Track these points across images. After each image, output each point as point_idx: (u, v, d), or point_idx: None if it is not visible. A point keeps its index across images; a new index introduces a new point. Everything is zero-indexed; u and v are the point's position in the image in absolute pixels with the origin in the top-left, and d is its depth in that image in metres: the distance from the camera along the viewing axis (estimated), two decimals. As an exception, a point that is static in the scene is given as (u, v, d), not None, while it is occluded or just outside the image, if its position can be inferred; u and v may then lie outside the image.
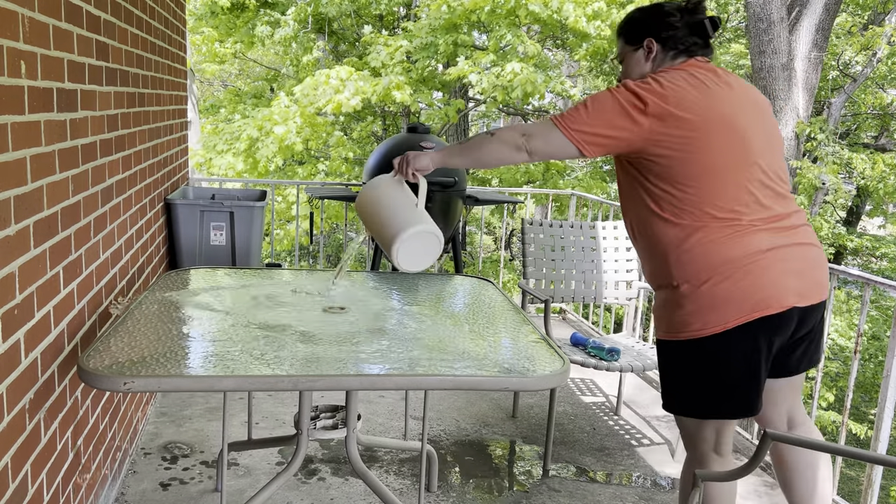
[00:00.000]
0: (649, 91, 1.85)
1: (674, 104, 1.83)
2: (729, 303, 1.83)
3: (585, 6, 8.32)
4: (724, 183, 1.85)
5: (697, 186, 1.84)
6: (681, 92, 1.85)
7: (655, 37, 2.00)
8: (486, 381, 1.77)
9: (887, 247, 11.79)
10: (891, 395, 2.70)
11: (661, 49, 2.00)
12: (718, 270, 1.83)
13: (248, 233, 3.79)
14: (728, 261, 1.83)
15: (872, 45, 9.75)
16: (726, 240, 1.84)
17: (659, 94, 1.84)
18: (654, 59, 2.01)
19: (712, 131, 1.84)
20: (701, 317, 1.86)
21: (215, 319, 2.13)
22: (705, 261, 1.84)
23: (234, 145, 9.39)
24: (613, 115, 1.86)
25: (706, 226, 1.85)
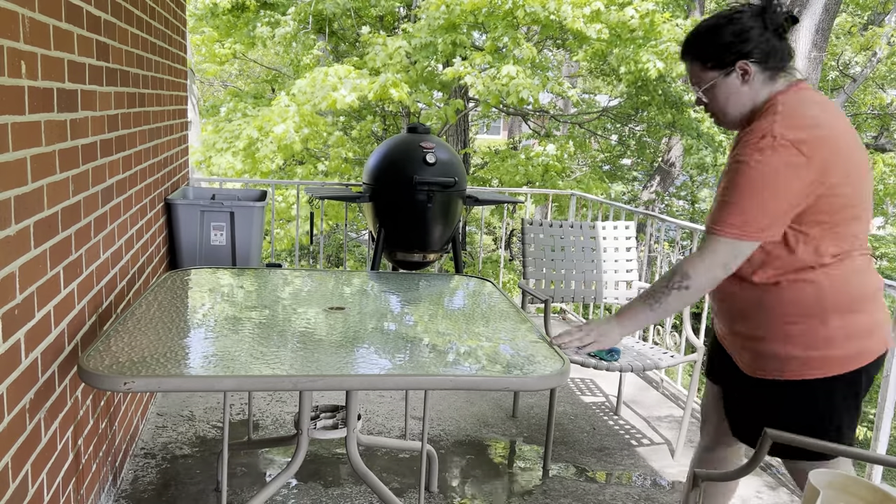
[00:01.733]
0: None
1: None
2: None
3: (583, 6, 8.32)
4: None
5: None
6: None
7: (746, 55, 1.73)
8: (486, 381, 1.77)
9: (887, 247, 11.79)
10: (891, 395, 2.70)
11: (759, 69, 1.74)
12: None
13: (248, 233, 3.79)
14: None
15: (872, 46, 9.75)
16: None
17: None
18: (751, 82, 1.75)
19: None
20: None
21: (215, 319, 2.13)
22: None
23: (234, 144, 9.39)
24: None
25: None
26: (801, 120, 1.65)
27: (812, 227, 1.67)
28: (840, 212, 1.67)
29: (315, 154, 10.95)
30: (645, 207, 11.42)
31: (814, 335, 1.71)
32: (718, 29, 1.75)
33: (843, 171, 1.64)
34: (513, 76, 8.31)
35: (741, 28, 1.72)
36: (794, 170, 1.60)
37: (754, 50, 1.72)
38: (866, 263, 1.76)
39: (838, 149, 1.65)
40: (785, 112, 1.67)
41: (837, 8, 8.51)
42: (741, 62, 1.73)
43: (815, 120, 1.66)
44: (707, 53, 1.76)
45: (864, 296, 1.73)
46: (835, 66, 11.68)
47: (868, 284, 1.75)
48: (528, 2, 8.37)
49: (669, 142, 12.73)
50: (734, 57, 1.73)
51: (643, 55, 8.61)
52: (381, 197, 4.01)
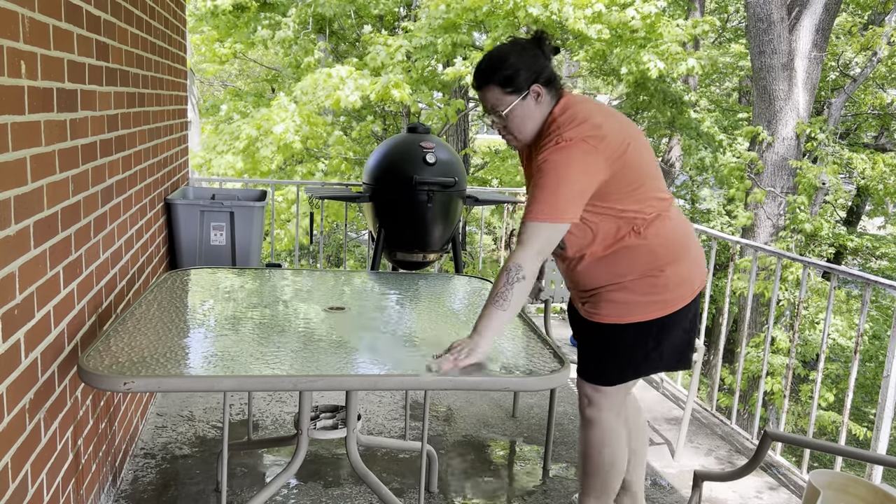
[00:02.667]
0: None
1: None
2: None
3: (585, 8, 8.31)
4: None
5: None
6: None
7: (538, 80, 1.99)
8: (486, 381, 1.77)
9: (887, 247, 11.78)
10: (891, 395, 2.70)
11: (546, 91, 2.01)
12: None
13: (248, 233, 3.78)
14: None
15: (872, 45, 9.74)
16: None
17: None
18: (542, 103, 2.02)
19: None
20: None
21: (215, 319, 2.13)
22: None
23: (234, 145, 9.39)
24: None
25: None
26: (577, 120, 1.95)
27: (616, 199, 1.99)
28: (635, 178, 1.99)
29: (315, 154, 10.95)
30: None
31: (651, 285, 2.06)
32: (514, 57, 2.00)
33: (622, 144, 1.96)
34: None
35: (531, 56, 2.00)
36: (584, 158, 1.91)
37: (542, 75, 2.00)
38: (676, 220, 2.10)
39: (613, 129, 1.96)
40: (565, 120, 1.96)
41: (838, 8, 8.51)
42: (535, 86, 1.99)
43: (587, 114, 1.96)
44: (506, 79, 1.99)
45: (681, 248, 2.09)
46: (835, 65, 11.66)
47: (682, 239, 2.10)
48: (528, 2, 8.36)
49: (669, 141, 12.73)
50: (529, 81, 1.98)
51: (644, 56, 8.61)
52: (381, 197, 4.01)
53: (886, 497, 1.87)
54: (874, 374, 10.12)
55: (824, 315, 3.60)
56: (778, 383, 7.87)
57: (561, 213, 1.91)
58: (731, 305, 8.70)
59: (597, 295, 2.13)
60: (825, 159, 8.44)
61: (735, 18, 13.95)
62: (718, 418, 3.60)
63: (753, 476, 3.08)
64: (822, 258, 8.72)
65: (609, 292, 2.10)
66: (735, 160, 8.85)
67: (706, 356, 9.51)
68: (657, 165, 2.10)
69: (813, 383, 7.94)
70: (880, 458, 1.84)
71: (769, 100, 8.17)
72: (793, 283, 7.87)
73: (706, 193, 11.81)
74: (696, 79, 11.89)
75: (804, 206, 8.19)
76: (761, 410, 7.82)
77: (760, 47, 8.02)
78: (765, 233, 8.41)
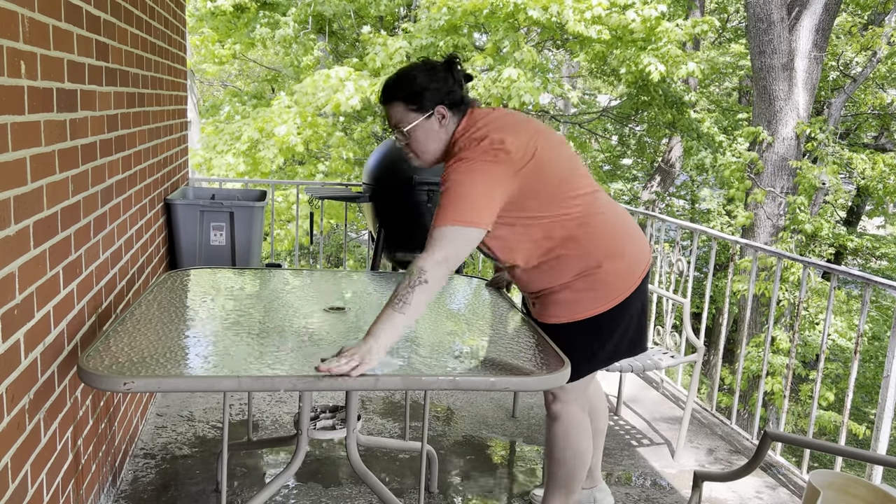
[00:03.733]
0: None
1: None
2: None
3: (584, 11, 8.32)
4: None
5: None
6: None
7: (443, 102, 2.03)
8: (486, 382, 1.77)
9: (887, 247, 11.79)
10: (891, 395, 2.70)
11: (450, 113, 2.04)
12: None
13: (248, 233, 3.78)
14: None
15: (872, 45, 9.75)
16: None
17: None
18: (446, 125, 2.05)
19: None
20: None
21: (215, 320, 2.13)
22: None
23: (234, 146, 9.39)
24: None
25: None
26: (478, 137, 1.97)
27: (535, 208, 2.01)
28: (548, 184, 2.00)
29: (315, 154, 10.95)
30: (645, 207, 11.42)
31: (591, 283, 2.10)
32: (422, 77, 2.03)
33: (526, 154, 1.97)
34: (514, 79, 8.31)
35: (440, 78, 2.03)
36: (486, 170, 1.92)
37: (448, 97, 2.02)
38: (607, 213, 2.11)
39: (515, 141, 1.96)
40: (466, 140, 1.99)
41: (838, 8, 8.51)
42: (440, 107, 2.02)
43: (487, 131, 1.98)
44: (412, 97, 2.02)
45: (617, 242, 2.11)
46: (835, 65, 11.66)
47: (617, 232, 2.12)
48: (529, 4, 8.36)
49: (670, 142, 12.73)
50: (435, 102, 2.01)
51: (644, 58, 8.61)
52: (381, 197, 4.01)
53: (886, 497, 1.87)
54: (874, 374, 10.12)
55: (824, 315, 3.60)
56: (778, 383, 7.87)
57: (467, 217, 1.89)
58: (731, 306, 8.71)
59: (543, 297, 2.18)
60: (825, 159, 8.44)
61: (735, 18, 13.95)
62: (718, 418, 3.60)
63: (753, 476, 3.08)
64: (822, 258, 8.72)
65: (553, 293, 2.14)
66: (735, 160, 8.84)
67: (706, 356, 9.51)
68: (577, 163, 2.12)
69: (813, 383, 7.94)
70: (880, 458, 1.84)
71: (769, 100, 8.17)
72: (793, 283, 7.87)
73: (706, 193, 11.81)
74: (696, 79, 11.89)
75: (804, 207, 8.19)
76: (761, 410, 7.83)
77: (760, 47, 8.02)
78: (765, 233, 8.41)
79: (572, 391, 2.24)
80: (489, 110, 2.08)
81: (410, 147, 2.09)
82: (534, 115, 12.47)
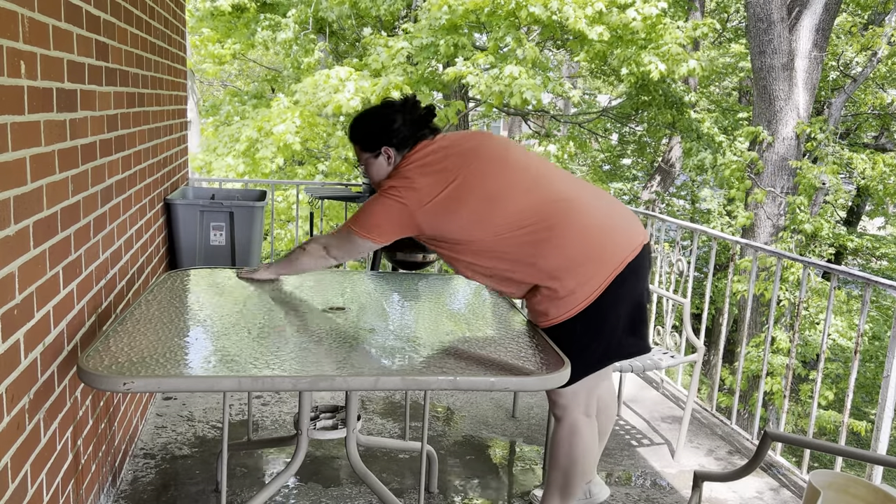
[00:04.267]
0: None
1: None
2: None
3: (585, 7, 8.31)
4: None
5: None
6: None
7: (388, 143, 2.26)
8: (486, 382, 1.77)
9: (887, 247, 11.79)
10: (891, 395, 2.70)
11: (397, 152, 2.28)
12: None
13: (247, 233, 3.78)
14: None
15: (872, 45, 9.75)
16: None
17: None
18: (392, 161, 2.29)
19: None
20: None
21: (215, 320, 2.13)
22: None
23: (234, 147, 9.38)
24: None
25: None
26: (403, 174, 2.20)
27: (460, 234, 2.16)
28: (476, 209, 2.13)
29: (315, 154, 10.95)
30: (646, 207, 11.42)
31: (556, 292, 2.15)
32: (373, 123, 2.31)
33: (443, 183, 2.15)
34: (515, 76, 8.31)
35: (389, 122, 2.27)
36: (393, 204, 2.17)
37: (394, 139, 2.26)
38: (549, 233, 2.13)
39: (439, 175, 2.16)
40: (397, 176, 2.22)
41: (838, 7, 8.51)
42: (386, 148, 2.27)
43: (411, 167, 2.20)
44: (362, 140, 2.31)
45: (565, 259, 2.13)
46: (835, 65, 11.66)
47: (560, 251, 2.13)
48: (530, 1, 8.36)
49: (670, 142, 12.73)
50: (381, 145, 2.27)
51: (645, 57, 8.60)
52: (381, 197, 4.00)
53: (886, 497, 1.87)
54: (874, 374, 10.12)
55: (824, 315, 3.60)
56: (778, 383, 7.87)
57: (362, 230, 2.22)
58: (731, 306, 8.71)
59: (526, 302, 2.28)
60: (825, 159, 8.44)
61: (735, 18, 13.95)
62: (718, 418, 3.60)
63: (753, 476, 3.08)
64: (822, 258, 8.72)
65: (528, 300, 2.24)
66: (736, 158, 8.84)
67: (706, 356, 9.51)
68: (515, 186, 2.17)
69: (813, 383, 7.94)
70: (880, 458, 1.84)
71: (769, 100, 8.17)
72: (793, 283, 7.87)
73: (706, 194, 11.81)
74: (696, 79, 11.90)
75: (804, 207, 8.19)
76: (761, 410, 7.82)
77: (760, 47, 8.02)
78: (765, 233, 8.41)
79: (570, 396, 2.25)
80: (427, 145, 2.25)
81: (367, 174, 2.38)
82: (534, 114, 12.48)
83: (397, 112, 2.29)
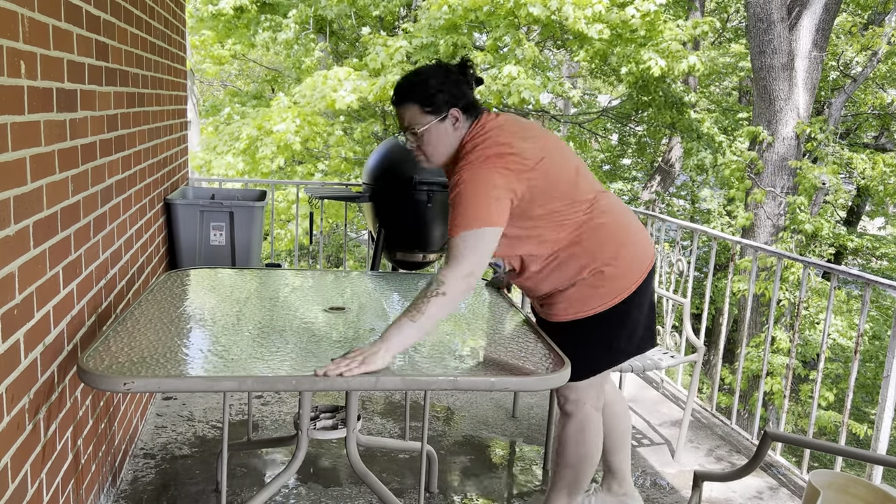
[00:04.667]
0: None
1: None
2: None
3: (585, 7, 8.31)
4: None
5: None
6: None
7: (457, 104, 2.01)
8: (486, 382, 1.77)
9: (887, 247, 11.79)
10: (891, 395, 2.70)
11: (464, 117, 2.03)
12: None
13: (247, 233, 3.78)
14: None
15: (872, 45, 9.74)
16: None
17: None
18: (459, 129, 2.03)
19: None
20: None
21: (215, 320, 2.13)
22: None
23: (234, 146, 9.38)
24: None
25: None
26: (488, 142, 1.98)
27: (538, 216, 2.02)
28: (551, 192, 2.01)
29: (315, 154, 10.94)
30: (646, 207, 11.41)
31: (598, 281, 2.11)
32: (436, 79, 2.02)
33: (533, 159, 1.97)
34: (514, 76, 8.30)
35: (454, 81, 2.02)
36: (494, 173, 1.93)
37: (462, 100, 2.02)
38: (610, 212, 2.13)
39: (524, 146, 1.98)
40: (476, 143, 1.99)
41: (838, 7, 8.50)
42: (454, 110, 2.00)
43: (497, 135, 1.99)
44: (426, 99, 2.00)
45: (622, 238, 2.13)
46: (835, 65, 11.66)
47: (621, 230, 2.14)
48: (529, 1, 8.36)
49: (670, 142, 12.73)
50: (449, 105, 2.00)
51: (644, 54, 8.60)
52: (381, 197, 4.01)
53: (886, 497, 1.87)
54: (874, 374, 10.12)
55: (824, 315, 3.60)
56: (778, 383, 7.87)
57: (482, 219, 1.89)
58: (731, 306, 8.71)
59: (550, 297, 2.19)
60: (825, 159, 8.44)
61: (735, 18, 13.95)
62: (718, 418, 3.60)
63: (753, 476, 3.08)
64: (822, 258, 8.72)
65: (560, 293, 2.15)
66: (736, 158, 8.84)
67: (706, 356, 9.51)
68: (581, 167, 2.13)
69: (813, 383, 7.94)
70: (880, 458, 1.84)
71: (769, 100, 8.17)
72: (793, 283, 7.87)
73: (706, 194, 11.81)
74: (696, 79, 11.89)
75: (804, 207, 8.19)
76: (761, 410, 7.82)
77: (760, 47, 8.02)
78: (765, 233, 8.41)
79: (584, 390, 2.22)
80: (497, 116, 2.08)
81: (421, 149, 2.06)
82: (534, 114, 12.48)
83: (459, 73, 2.06)
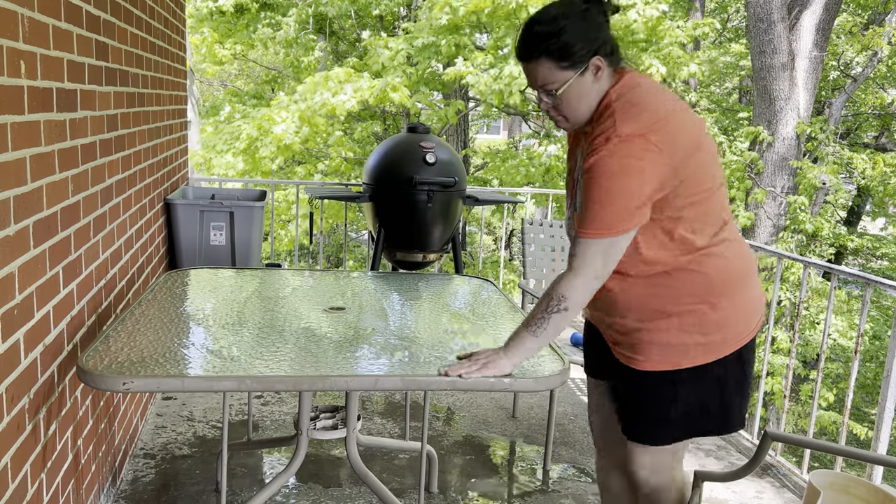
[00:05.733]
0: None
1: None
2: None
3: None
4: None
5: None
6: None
7: (601, 51, 1.62)
8: (486, 382, 1.77)
9: (887, 247, 11.79)
10: (891, 395, 2.69)
11: (608, 65, 1.65)
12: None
13: (247, 233, 3.78)
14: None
15: (873, 45, 9.74)
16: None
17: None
18: (600, 80, 1.65)
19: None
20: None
21: (215, 320, 2.13)
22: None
23: (234, 145, 9.39)
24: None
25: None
26: (637, 109, 1.59)
27: (677, 210, 1.63)
28: (701, 187, 1.64)
29: (315, 154, 10.95)
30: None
31: (706, 320, 1.69)
32: (571, 23, 1.59)
33: (692, 143, 1.61)
34: (515, 76, 8.31)
35: (592, 22, 1.61)
36: (643, 158, 1.55)
37: (605, 45, 1.62)
38: (739, 242, 1.76)
39: (683, 123, 1.61)
40: (621, 106, 1.61)
41: (838, 7, 8.50)
42: (595, 58, 1.62)
43: (649, 103, 1.61)
44: (563, 51, 1.60)
45: (745, 275, 1.74)
46: (835, 65, 11.67)
47: (746, 264, 1.75)
48: (531, 3, 8.36)
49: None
50: (590, 54, 1.61)
51: (646, 59, 8.60)
52: (381, 197, 4.01)
53: (887, 497, 1.87)
54: (874, 374, 10.12)
55: (825, 315, 3.60)
56: (778, 383, 7.87)
57: (620, 223, 1.58)
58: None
59: (635, 334, 1.75)
60: (825, 159, 8.44)
61: (735, 18, 13.95)
62: (719, 418, 3.60)
63: (753, 476, 3.08)
64: (822, 258, 8.72)
65: (652, 332, 1.72)
66: (736, 158, 8.84)
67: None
68: (719, 177, 1.70)
69: (813, 383, 7.94)
70: (880, 458, 1.84)
71: (769, 100, 8.17)
72: (793, 283, 7.87)
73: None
74: (696, 79, 11.89)
75: (805, 206, 8.19)
76: (761, 410, 7.82)
77: (760, 47, 8.02)
78: (765, 233, 8.41)
79: (666, 455, 1.82)
80: (647, 79, 1.67)
81: (559, 110, 1.68)
82: (534, 113, 12.47)
83: (596, 10, 1.63)
